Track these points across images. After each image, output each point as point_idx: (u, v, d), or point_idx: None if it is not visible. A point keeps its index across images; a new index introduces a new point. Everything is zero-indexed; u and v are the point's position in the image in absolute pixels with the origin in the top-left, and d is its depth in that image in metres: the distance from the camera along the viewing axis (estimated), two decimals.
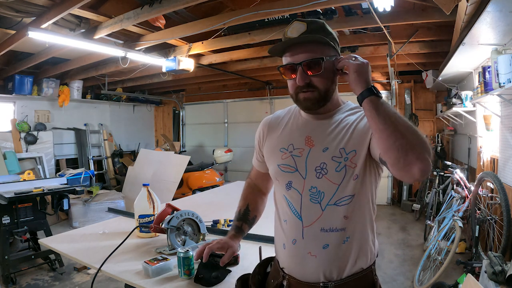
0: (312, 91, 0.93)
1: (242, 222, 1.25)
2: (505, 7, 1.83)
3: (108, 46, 3.71)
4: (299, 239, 0.95)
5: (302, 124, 1.02)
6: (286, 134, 1.04)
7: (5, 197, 2.71)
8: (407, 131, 0.78)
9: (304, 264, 0.95)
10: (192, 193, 5.26)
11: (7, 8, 2.78)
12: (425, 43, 4.06)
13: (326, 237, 0.92)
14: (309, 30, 0.91)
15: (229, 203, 2.46)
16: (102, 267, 1.26)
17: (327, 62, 0.92)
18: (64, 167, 6.00)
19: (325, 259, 0.92)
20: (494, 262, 1.95)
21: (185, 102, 8.22)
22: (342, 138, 0.94)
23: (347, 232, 0.92)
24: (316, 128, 0.99)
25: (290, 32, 0.92)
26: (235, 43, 3.98)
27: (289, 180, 0.99)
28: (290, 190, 0.98)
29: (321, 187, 0.93)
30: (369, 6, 2.73)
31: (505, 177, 2.81)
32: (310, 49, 0.91)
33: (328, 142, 0.95)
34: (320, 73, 0.91)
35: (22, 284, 2.87)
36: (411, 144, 0.77)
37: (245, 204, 1.27)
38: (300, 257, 0.95)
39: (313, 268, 0.93)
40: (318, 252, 0.93)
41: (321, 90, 0.94)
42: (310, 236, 0.94)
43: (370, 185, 0.95)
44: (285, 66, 0.95)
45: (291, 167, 0.98)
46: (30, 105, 5.61)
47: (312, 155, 0.96)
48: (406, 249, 3.66)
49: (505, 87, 2.21)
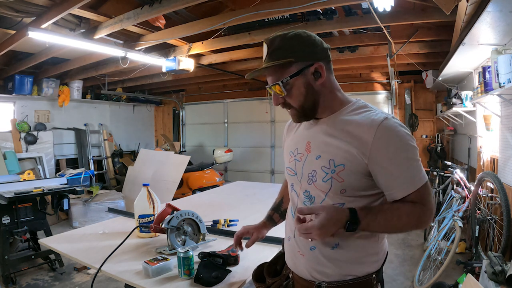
0: (291, 108, 0.97)
1: (274, 212, 1.29)
2: (505, 7, 1.83)
3: (108, 46, 3.71)
4: (292, 237, 1.02)
5: (306, 128, 1.03)
6: (295, 138, 1.06)
7: (5, 197, 2.71)
8: (403, 227, 0.89)
9: (296, 261, 1.00)
10: (192, 193, 5.26)
11: (7, 8, 2.78)
12: (425, 43, 4.06)
13: (312, 240, 0.92)
14: (269, 53, 0.93)
15: (229, 203, 2.46)
16: (102, 267, 1.26)
17: (294, 80, 0.91)
18: (64, 167, 6.00)
19: (312, 261, 0.95)
20: (494, 262, 1.95)
21: (185, 102, 8.22)
22: (334, 148, 0.90)
23: (336, 238, 0.91)
24: (315, 133, 0.97)
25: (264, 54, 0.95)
26: (235, 43, 3.98)
27: (292, 183, 1.04)
28: (292, 191, 1.04)
29: (313, 192, 0.96)
30: (369, 6, 2.73)
31: (505, 177, 2.80)
32: (271, 73, 0.94)
33: (322, 150, 0.93)
34: (286, 94, 0.93)
35: (22, 284, 2.87)
36: (408, 227, 0.89)
37: (280, 197, 1.32)
38: (293, 254, 1.01)
39: (302, 267, 0.98)
40: (305, 252, 0.96)
41: (297, 107, 0.95)
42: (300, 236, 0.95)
43: (365, 198, 0.91)
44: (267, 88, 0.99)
45: (292, 170, 1.02)
46: (30, 105, 5.61)
47: (308, 161, 0.97)
48: (406, 249, 3.66)
49: (505, 87, 2.21)
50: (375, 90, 6.19)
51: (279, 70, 0.92)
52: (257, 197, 2.66)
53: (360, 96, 1.04)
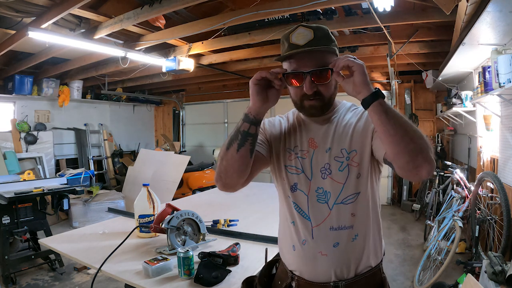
0: (318, 99, 0.94)
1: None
2: (505, 7, 1.83)
3: (108, 46, 3.71)
4: (309, 239, 0.96)
5: (304, 127, 1.03)
6: (289, 135, 1.04)
7: (5, 197, 2.71)
8: (415, 135, 0.79)
9: (315, 264, 0.95)
10: (192, 193, 5.26)
11: (7, 8, 2.78)
12: (425, 43, 4.06)
13: (336, 236, 0.94)
14: (316, 38, 0.90)
15: (229, 203, 2.46)
16: (102, 267, 1.26)
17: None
18: (64, 167, 6.00)
19: (336, 258, 0.94)
20: (494, 262, 1.95)
21: (185, 102, 8.22)
22: (343, 139, 0.96)
23: (355, 229, 0.95)
24: (317, 129, 1.01)
25: (296, 38, 0.90)
26: (235, 43, 3.98)
27: (295, 182, 1.00)
28: (295, 191, 0.99)
29: (327, 187, 0.95)
30: (369, 6, 2.73)
31: (505, 177, 2.80)
32: (318, 58, 0.91)
33: (330, 143, 0.97)
34: (328, 82, 0.92)
35: (22, 284, 2.87)
36: (420, 148, 0.78)
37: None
38: (310, 258, 0.96)
39: (324, 268, 0.95)
40: (329, 251, 0.94)
41: (326, 98, 0.95)
42: (320, 235, 0.95)
43: (372, 183, 0.97)
44: (293, 74, 0.92)
45: (297, 169, 0.99)
46: (30, 105, 5.61)
47: (316, 156, 0.98)
48: (406, 249, 3.66)
49: (505, 87, 2.21)
50: None
51: (325, 57, 0.92)
52: (257, 197, 2.66)
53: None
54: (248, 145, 0.92)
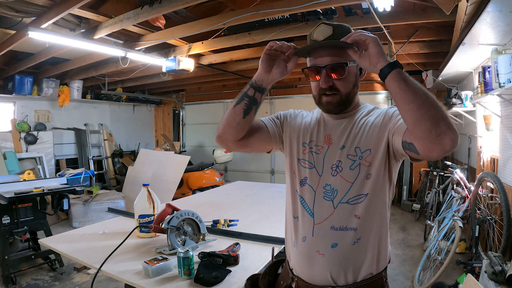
0: (334, 94, 0.96)
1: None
2: (505, 7, 1.83)
3: (108, 46, 3.71)
4: (309, 236, 0.96)
5: (323, 123, 1.05)
6: (307, 130, 1.06)
7: (5, 197, 2.71)
8: (435, 102, 0.77)
9: (312, 263, 0.94)
10: (192, 193, 5.26)
11: (7, 8, 2.78)
12: (425, 43, 4.06)
13: (335, 236, 0.92)
14: (334, 35, 0.92)
15: (229, 203, 2.46)
16: (102, 267, 1.26)
17: (350, 66, 0.94)
18: (64, 167, 6.00)
19: (333, 259, 0.92)
20: (494, 262, 1.95)
21: (185, 102, 8.22)
22: (358, 137, 0.96)
23: (358, 232, 0.92)
24: (335, 127, 1.01)
25: (316, 34, 0.94)
26: (235, 43, 3.98)
27: (305, 176, 1.00)
28: (304, 186, 1.00)
29: (335, 185, 0.95)
30: (369, 6, 2.73)
31: (505, 177, 2.80)
32: (334, 53, 0.93)
33: (345, 140, 0.98)
34: (343, 77, 0.94)
35: (22, 284, 2.87)
36: (442, 114, 0.75)
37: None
38: (308, 256, 0.95)
39: (320, 268, 0.93)
40: (326, 251, 0.93)
41: (343, 94, 0.96)
42: (320, 234, 0.94)
43: (384, 187, 0.95)
44: (309, 68, 0.97)
45: (309, 163, 1.00)
46: (30, 105, 5.61)
47: (330, 153, 0.98)
48: (406, 249, 3.66)
49: (505, 87, 2.21)
50: (375, 90, 6.19)
51: (344, 54, 0.93)
52: (257, 197, 2.66)
53: (360, 96, 1.06)
54: (243, 104, 1.01)
